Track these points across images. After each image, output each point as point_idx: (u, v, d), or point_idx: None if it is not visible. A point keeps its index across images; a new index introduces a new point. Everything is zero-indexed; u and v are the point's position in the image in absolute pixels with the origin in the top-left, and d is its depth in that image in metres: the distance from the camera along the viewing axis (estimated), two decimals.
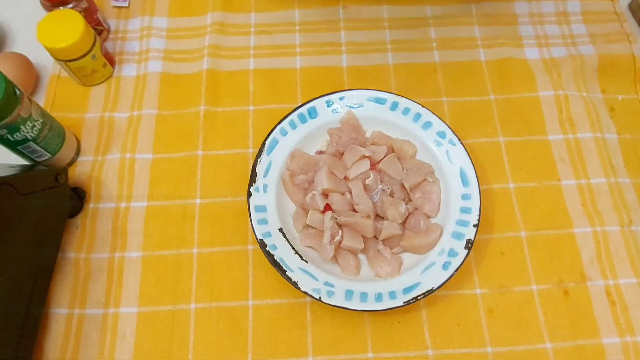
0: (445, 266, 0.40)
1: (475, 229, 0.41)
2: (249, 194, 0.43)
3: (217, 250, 0.45)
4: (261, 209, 0.43)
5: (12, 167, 0.41)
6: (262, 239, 0.42)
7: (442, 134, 0.45)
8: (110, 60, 0.52)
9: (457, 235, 0.42)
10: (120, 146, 0.49)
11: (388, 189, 0.45)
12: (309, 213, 0.43)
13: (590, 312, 0.42)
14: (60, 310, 0.42)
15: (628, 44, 0.54)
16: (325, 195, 0.44)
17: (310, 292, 0.39)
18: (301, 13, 0.57)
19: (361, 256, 0.44)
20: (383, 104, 0.47)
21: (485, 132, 0.50)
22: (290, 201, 0.46)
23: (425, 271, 0.41)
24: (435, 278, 0.40)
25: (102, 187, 0.47)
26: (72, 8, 0.49)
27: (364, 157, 0.45)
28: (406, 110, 0.47)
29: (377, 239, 0.44)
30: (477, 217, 0.42)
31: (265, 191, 0.44)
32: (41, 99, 0.52)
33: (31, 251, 0.39)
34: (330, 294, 0.40)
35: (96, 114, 0.51)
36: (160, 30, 0.55)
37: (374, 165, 0.45)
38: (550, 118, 0.50)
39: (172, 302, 0.43)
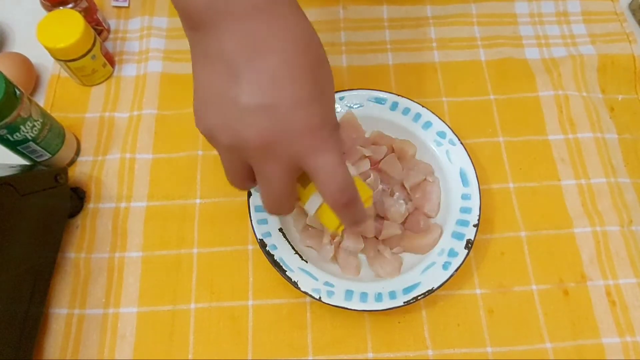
0: (445, 266, 0.40)
1: (475, 229, 0.41)
2: (249, 194, 0.43)
3: (217, 250, 0.45)
4: (261, 208, 0.43)
5: (12, 167, 0.41)
6: (262, 239, 0.42)
7: (442, 134, 0.45)
8: (110, 60, 0.52)
9: (457, 235, 0.42)
10: (120, 146, 0.49)
11: (388, 189, 0.45)
12: None
13: (590, 312, 0.42)
14: (60, 310, 0.42)
15: (628, 44, 0.54)
16: None
17: (310, 292, 0.39)
18: None
19: (361, 256, 0.44)
20: (383, 104, 0.47)
21: (485, 132, 0.50)
22: None
23: (425, 271, 0.41)
24: (435, 278, 0.40)
25: (102, 187, 0.47)
26: (72, 8, 0.49)
27: (364, 157, 0.45)
28: (406, 110, 0.47)
29: (377, 239, 0.44)
30: (477, 217, 0.42)
31: None
32: (41, 99, 0.52)
33: (31, 251, 0.39)
34: (330, 294, 0.40)
35: (96, 114, 0.51)
36: (160, 30, 0.55)
37: (374, 165, 0.45)
38: (550, 118, 0.50)
39: (172, 302, 0.43)
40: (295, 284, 0.40)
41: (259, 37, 0.27)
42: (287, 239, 0.42)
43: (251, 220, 0.42)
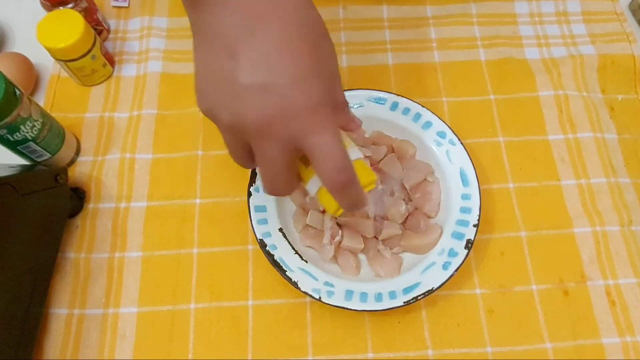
0: (445, 266, 0.40)
1: (475, 229, 0.41)
2: (249, 194, 0.43)
3: (217, 250, 0.45)
4: (261, 209, 0.43)
5: (12, 167, 0.41)
6: (262, 239, 0.42)
7: (442, 134, 0.45)
8: (110, 60, 0.52)
9: (457, 235, 0.42)
10: (120, 146, 0.49)
11: (388, 189, 0.45)
12: (309, 213, 0.43)
13: (590, 312, 0.42)
14: (60, 310, 0.42)
15: (628, 44, 0.54)
16: None
17: (310, 292, 0.39)
18: None
19: (361, 256, 0.44)
20: (383, 104, 0.47)
21: (485, 132, 0.50)
22: (290, 201, 0.46)
23: (425, 271, 0.41)
24: (435, 278, 0.40)
25: (102, 187, 0.47)
26: (72, 8, 0.49)
27: (364, 157, 0.45)
28: (406, 110, 0.47)
29: (377, 239, 0.44)
30: (477, 217, 0.42)
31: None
32: (41, 99, 0.52)
33: (31, 251, 0.39)
34: (330, 294, 0.40)
35: (96, 114, 0.51)
36: (160, 30, 0.55)
37: (374, 165, 0.45)
38: (550, 118, 0.50)
39: (172, 302, 0.43)
40: (295, 284, 0.40)
41: (257, 12, 0.27)
42: (287, 239, 0.42)
43: (251, 220, 0.42)
